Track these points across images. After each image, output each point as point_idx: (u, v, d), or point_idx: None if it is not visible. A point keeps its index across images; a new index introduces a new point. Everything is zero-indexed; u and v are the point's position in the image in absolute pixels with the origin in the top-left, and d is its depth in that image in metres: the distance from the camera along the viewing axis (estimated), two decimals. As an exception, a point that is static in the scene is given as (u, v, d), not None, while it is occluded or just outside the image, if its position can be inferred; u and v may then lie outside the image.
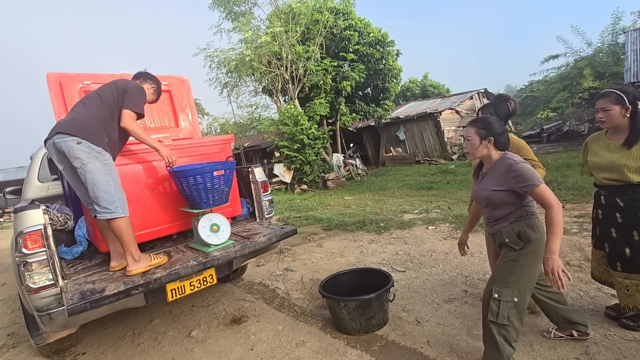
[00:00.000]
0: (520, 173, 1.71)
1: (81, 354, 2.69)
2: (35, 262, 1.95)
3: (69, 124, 2.12)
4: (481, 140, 1.83)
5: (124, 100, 2.24)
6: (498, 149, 1.84)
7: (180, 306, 3.29)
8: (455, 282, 3.08)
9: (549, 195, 1.65)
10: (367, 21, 13.37)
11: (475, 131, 1.85)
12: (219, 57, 12.24)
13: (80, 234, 2.66)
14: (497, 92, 21.56)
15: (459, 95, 18.27)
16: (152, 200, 2.57)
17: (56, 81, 2.85)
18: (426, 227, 4.95)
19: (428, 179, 9.88)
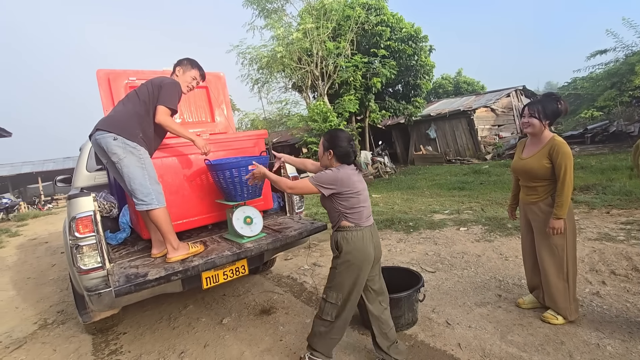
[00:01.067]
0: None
1: (122, 334, 2.87)
2: (85, 246, 2.10)
3: (107, 121, 2.25)
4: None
5: (159, 96, 2.30)
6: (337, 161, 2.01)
7: (212, 295, 3.42)
8: (488, 286, 2.98)
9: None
10: (399, 16, 13.09)
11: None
12: (251, 54, 12.45)
13: (124, 221, 2.83)
14: (537, 90, 20.39)
15: (494, 92, 17.52)
16: (189, 192, 2.68)
17: (105, 77, 3.03)
18: (457, 228, 4.82)
19: (460, 179, 9.58)
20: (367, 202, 2.01)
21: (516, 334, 2.25)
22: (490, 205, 6.10)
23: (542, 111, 2.21)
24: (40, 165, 23.47)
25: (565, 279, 2.27)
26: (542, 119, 2.21)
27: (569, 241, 2.24)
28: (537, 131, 2.26)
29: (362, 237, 1.92)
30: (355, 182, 1.95)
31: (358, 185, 1.96)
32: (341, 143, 1.98)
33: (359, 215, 1.94)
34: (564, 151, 2.14)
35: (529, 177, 2.31)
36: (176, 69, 2.54)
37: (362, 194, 1.97)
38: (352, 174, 1.96)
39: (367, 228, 1.96)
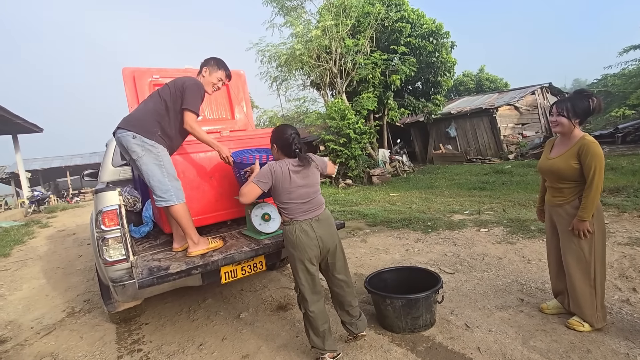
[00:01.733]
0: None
1: (144, 324, 2.97)
2: (111, 238, 2.18)
3: (127, 119, 2.31)
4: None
5: (183, 99, 2.31)
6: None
7: (230, 289, 3.49)
8: (510, 289, 2.90)
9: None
10: (420, 12, 12.86)
11: None
12: (270, 52, 12.54)
13: (147, 215, 2.92)
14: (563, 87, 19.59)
15: (518, 90, 16.95)
16: (210, 188, 2.73)
17: (130, 75, 3.12)
18: (477, 229, 4.70)
19: (480, 179, 9.35)
20: (305, 198, 2.03)
21: (539, 340, 2.18)
22: (513, 206, 5.92)
23: (572, 109, 2.11)
24: (69, 160, 24.52)
25: (593, 285, 2.17)
26: (571, 118, 2.12)
27: (598, 245, 2.15)
28: (565, 130, 2.16)
29: (294, 231, 2.01)
30: (292, 176, 2.01)
31: (295, 180, 2.01)
32: (282, 136, 2.06)
33: (292, 210, 2.03)
34: (594, 151, 2.04)
35: (556, 178, 2.22)
36: (203, 70, 2.54)
37: (295, 191, 2.01)
38: (291, 168, 2.02)
39: (305, 222, 2.01)
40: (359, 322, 2.24)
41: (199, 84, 2.43)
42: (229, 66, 2.64)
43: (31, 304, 3.76)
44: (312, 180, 2.08)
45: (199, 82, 2.45)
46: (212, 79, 2.53)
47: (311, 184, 2.07)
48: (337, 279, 2.18)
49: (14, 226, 9.50)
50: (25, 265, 5.42)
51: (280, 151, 2.10)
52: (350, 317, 2.22)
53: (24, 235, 8.12)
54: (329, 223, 2.12)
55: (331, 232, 2.11)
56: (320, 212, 2.10)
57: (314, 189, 2.09)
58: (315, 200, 2.09)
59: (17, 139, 14.51)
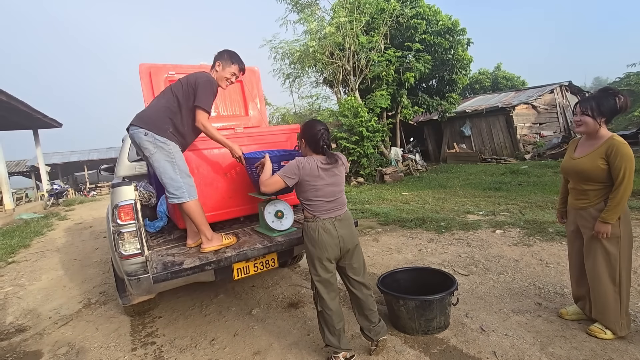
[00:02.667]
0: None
1: (158, 317, 3.01)
2: (126, 232, 2.20)
3: (139, 116, 2.31)
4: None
5: (196, 97, 2.28)
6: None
7: (242, 285, 3.50)
8: (527, 293, 2.82)
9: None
10: (436, 8, 12.64)
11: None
12: (284, 49, 12.53)
13: (161, 210, 2.95)
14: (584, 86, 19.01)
15: (536, 88, 16.52)
16: (223, 184, 2.73)
17: (146, 71, 3.15)
18: (493, 230, 4.60)
19: (496, 179, 9.16)
20: (330, 196, 2.02)
21: (558, 347, 2.11)
22: (530, 207, 5.77)
23: (597, 108, 2.02)
24: (87, 155, 25.14)
25: (618, 291, 2.09)
26: (597, 117, 2.03)
27: (624, 250, 2.06)
28: (590, 130, 2.08)
29: (316, 228, 2.00)
30: (319, 173, 1.99)
31: (322, 177, 1.99)
32: (311, 131, 2.03)
33: (316, 207, 2.01)
34: (624, 152, 1.95)
35: (581, 179, 2.14)
36: (216, 64, 2.48)
37: (322, 189, 1.99)
38: (320, 165, 1.99)
39: (328, 220, 2.00)
40: (378, 328, 2.16)
41: (211, 80, 2.37)
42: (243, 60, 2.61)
43: (50, 294, 3.86)
44: (339, 179, 2.07)
45: (212, 79, 2.39)
46: (225, 74, 2.48)
47: (337, 182, 2.05)
48: (355, 281, 2.14)
49: (34, 218, 9.79)
50: (44, 257, 5.57)
51: (308, 147, 2.07)
52: (369, 322, 2.15)
53: (43, 227, 8.36)
54: (350, 223, 2.09)
55: (352, 233, 2.09)
56: (343, 211, 2.07)
57: (339, 188, 2.07)
58: (339, 200, 2.07)
59: (37, 134, 14.94)
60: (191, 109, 2.34)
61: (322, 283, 2.04)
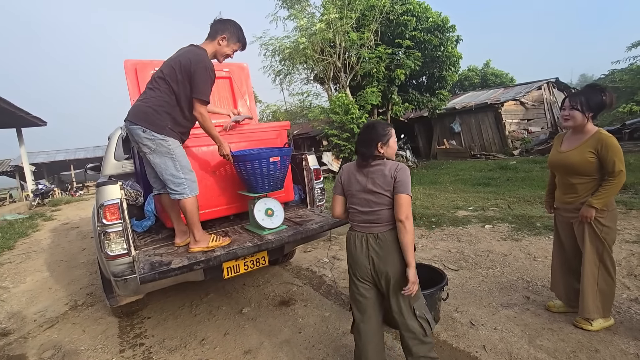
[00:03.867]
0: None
1: (146, 318, 2.96)
2: (112, 232, 2.16)
3: (135, 112, 2.20)
4: None
5: (192, 88, 2.18)
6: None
7: (232, 284, 3.47)
8: (516, 287, 2.86)
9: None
10: (426, 5, 12.67)
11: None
12: (274, 45, 12.43)
13: (149, 209, 2.89)
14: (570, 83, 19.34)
15: (524, 85, 16.73)
16: (212, 182, 2.70)
17: (132, 68, 3.08)
18: (482, 225, 4.65)
19: (485, 175, 9.27)
20: (365, 206, 1.72)
21: (546, 339, 2.14)
22: (518, 202, 5.85)
23: (586, 103, 2.05)
24: (73, 153, 24.61)
25: (596, 280, 2.13)
26: (585, 112, 2.06)
27: (608, 242, 2.10)
28: (578, 125, 2.10)
29: (348, 237, 1.81)
30: (353, 178, 1.77)
31: (358, 182, 1.75)
32: (359, 136, 1.80)
33: (352, 215, 1.80)
34: (613, 145, 1.98)
35: (569, 172, 2.16)
36: (219, 37, 2.27)
37: (356, 195, 1.75)
38: (357, 169, 1.77)
39: (360, 234, 1.74)
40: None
41: (207, 66, 2.18)
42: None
43: (35, 296, 3.77)
44: (379, 188, 1.69)
45: (208, 64, 2.20)
46: (227, 50, 2.32)
47: (376, 191, 1.69)
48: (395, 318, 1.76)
49: (19, 219, 9.55)
50: (29, 258, 5.44)
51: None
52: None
53: (28, 228, 8.16)
54: (389, 248, 1.68)
55: (388, 260, 1.68)
56: (382, 230, 1.70)
57: (377, 199, 1.69)
58: (378, 214, 1.70)
59: (21, 132, 14.54)
60: (189, 97, 2.22)
61: (353, 299, 1.82)
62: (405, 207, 1.62)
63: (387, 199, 1.68)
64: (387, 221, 1.70)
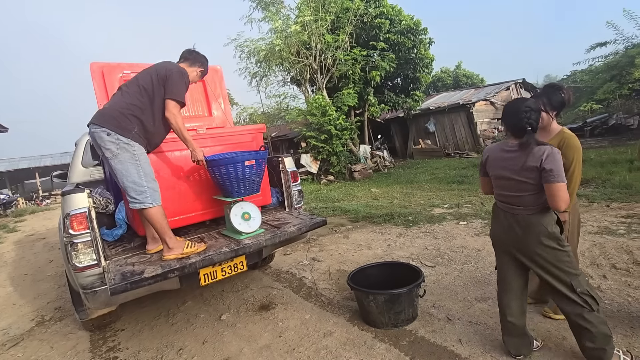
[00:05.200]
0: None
1: (120, 330, 2.85)
2: (80, 243, 2.06)
3: (101, 114, 2.15)
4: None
5: (166, 89, 2.19)
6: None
7: (211, 290, 3.40)
8: (489, 281, 2.97)
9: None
10: (399, 8, 12.96)
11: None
12: (249, 47, 12.34)
13: (120, 218, 2.79)
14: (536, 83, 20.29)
15: (494, 85, 17.40)
16: (186, 188, 2.64)
17: (99, 71, 2.97)
18: (457, 222, 4.80)
19: (459, 173, 9.55)
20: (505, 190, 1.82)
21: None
22: (490, 199, 6.07)
23: (548, 103, 2.16)
24: (38, 161, 23.36)
25: None
26: (550, 111, 2.17)
27: (571, 235, 2.22)
28: (545, 124, 2.21)
29: (493, 209, 2.00)
30: (498, 162, 1.84)
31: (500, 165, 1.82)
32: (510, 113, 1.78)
33: (496, 194, 1.95)
34: (574, 144, 2.09)
35: None
36: (182, 62, 2.47)
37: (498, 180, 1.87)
38: (504, 148, 1.82)
39: (502, 212, 1.90)
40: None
41: (182, 71, 2.30)
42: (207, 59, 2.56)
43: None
44: (520, 174, 1.71)
45: (183, 70, 2.32)
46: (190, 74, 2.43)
47: (516, 178, 1.73)
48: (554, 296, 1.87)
49: (-22, 232, 8.95)
50: (-10, 273, 5.11)
51: (510, 132, 1.80)
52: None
53: (-11, 241, 7.67)
54: (529, 231, 1.75)
55: (528, 242, 1.76)
56: (522, 215, 1.76)
57: (519, 185, 1.73)
58: (521, 199, 1.75)
59: (-21, 139, 13.66)
60: (163, 102, 2.21)
61: (499, 270, 2.02)
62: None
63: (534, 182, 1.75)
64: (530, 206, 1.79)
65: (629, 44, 15.53)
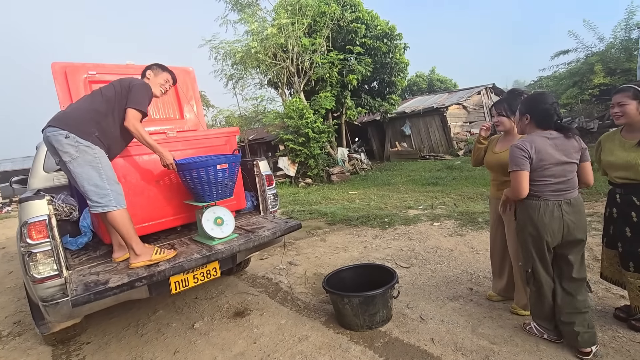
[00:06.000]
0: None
1: (85, 343, 2.71)
2: (39, 253, 1.95)
3: (60, 117, 2.09)
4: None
5: (128, 99, 2.19)
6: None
7: (183, 298, 3.30)
8: (460, 280, 3.05)
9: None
10: (374, 14, 13.19)
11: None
12: (225, 49, 12.17)
13: (84, 225, 2.66)
14: (505, 88, 21.22)
15: (466, 90, 18.02)
16: (156, 193, 2.55)
17: (61, 71, 2.82)
18: (431, 223, 4.91)
19: (433, 175, 9.80)
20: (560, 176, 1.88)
21: (487, 327, 2.30)
22: (462, 200, 6.26)
23: (508, 108, 2.27)
24: (-3, 165, 21.97)
25: None
26: (510, 116, 2.27)
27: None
28: (507, 128, 2.31)
29: (537, 207, 1.90)
30: (549, 151, 1.85)
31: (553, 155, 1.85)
32: (540, 105, 1.90)
33: (541, 187, 1.89)
34: None
35: (502, 171, 2.36)
36: (147, 73, 2.47)
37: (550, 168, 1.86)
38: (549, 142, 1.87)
39: (554, 202, 1.88)
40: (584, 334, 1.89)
41: (146, 84, 2.34)
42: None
43: (-53, 331, 3.28)
44: (571, 157, 1.89)
45: (147, 83, 2.36)
46: (158, 80, 2.46)
47: (569, 161, 1.88)
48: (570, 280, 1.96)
49: None
50: (-59, 287, 4.73)
51: (535, 124, 1.92)
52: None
53: (-59, 252, 7.11)
54: (580, 210, 1.92)
55: (581, 222, 1.91)
56: (574, 195, 1.92)
57: (571, 167, 1.90)
58: (571, 181, 1.92)
59: None
60: (123, 112, 2.19)
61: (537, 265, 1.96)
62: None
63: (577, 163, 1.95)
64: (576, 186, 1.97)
65: (588, 52, 16.53)
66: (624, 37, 15.42)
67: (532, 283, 2.02)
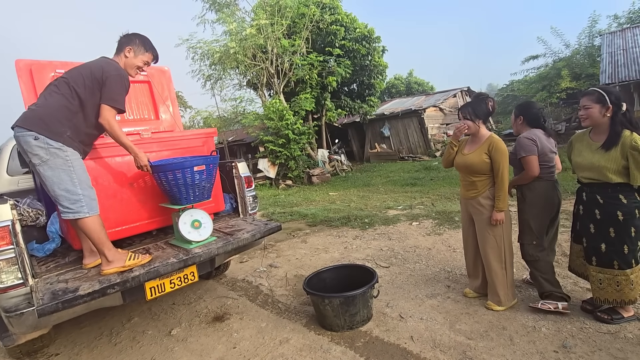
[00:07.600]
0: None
1: (54, 355, 2.58)
2: (2, 260, 1.84)
3: (27, 117, 1.94)
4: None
5: (102, 94, 2.02)
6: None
7: (160, 304, 3.20)
8: (438, 278, 3.12)
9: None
10: (353, 16, 13.32)
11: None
12: (202, 49, 11.94)
13: (52, 230, 2.53)
14: (479, 90, 21.93)
15: (442, 93, 18.51)
16: (130, 196, 2.47)
17: (26, 69, 2.68)
18: (410, 223, 4.99)
19: (412, 175, 9.99)
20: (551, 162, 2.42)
21: (463, 323, 2.36)
22: (440, 199, 6.41)
23: (473, 112, 2.39)
24: (-43, 169, 20.56)
25: (504, 267, 2.43)
26: (474, 120, 2.37)
27: (506, 231, 2.41)
28: (473, 131, 2.42)
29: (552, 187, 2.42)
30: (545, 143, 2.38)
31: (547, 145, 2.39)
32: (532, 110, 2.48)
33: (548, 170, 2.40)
34: (500, 148, 2.31)
35: (470, 172, 2.45)
36: (125, 49, 2.18)
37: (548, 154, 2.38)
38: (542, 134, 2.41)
39: (552, 182, 2.43)
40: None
41: (122, 74, 2.10)
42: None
43: None
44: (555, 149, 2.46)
45: (122, 72, 2.12)
46: (136, 62, 2.21)
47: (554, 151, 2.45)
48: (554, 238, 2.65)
49: None
50: None
51: (527, 124, 2.47)
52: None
53: None
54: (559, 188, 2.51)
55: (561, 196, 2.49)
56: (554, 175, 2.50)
57: (555, 156, 2.46)
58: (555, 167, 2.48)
59: None
60: (97, 106, 2.03)
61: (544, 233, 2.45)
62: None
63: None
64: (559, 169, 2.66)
65: (556, 57, 17.35)
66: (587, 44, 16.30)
67: (538, 251, 2.39)
